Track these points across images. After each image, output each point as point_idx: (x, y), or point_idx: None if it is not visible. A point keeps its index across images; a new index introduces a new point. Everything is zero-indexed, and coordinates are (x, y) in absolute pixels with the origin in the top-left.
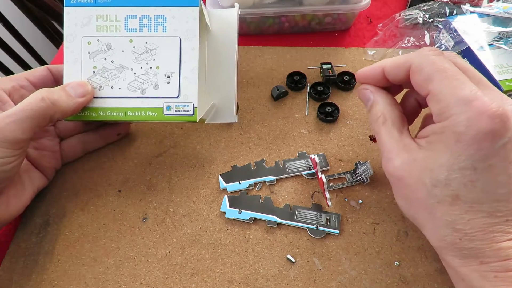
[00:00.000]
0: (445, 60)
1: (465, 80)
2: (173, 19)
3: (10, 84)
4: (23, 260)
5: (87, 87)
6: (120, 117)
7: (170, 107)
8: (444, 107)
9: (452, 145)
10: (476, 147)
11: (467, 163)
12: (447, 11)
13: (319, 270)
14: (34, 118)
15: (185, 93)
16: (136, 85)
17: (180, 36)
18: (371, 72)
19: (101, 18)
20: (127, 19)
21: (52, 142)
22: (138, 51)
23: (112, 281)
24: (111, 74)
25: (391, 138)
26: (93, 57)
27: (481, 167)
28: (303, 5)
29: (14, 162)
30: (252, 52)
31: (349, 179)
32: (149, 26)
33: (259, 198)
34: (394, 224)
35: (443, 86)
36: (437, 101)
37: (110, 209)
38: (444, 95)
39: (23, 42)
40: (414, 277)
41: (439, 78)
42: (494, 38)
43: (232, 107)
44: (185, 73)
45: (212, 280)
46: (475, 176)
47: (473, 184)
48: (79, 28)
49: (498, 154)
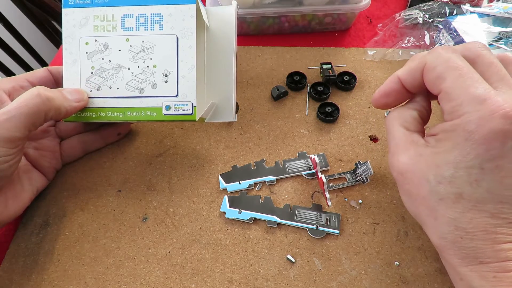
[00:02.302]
0: (459, 58)
1: (478, 79)
2: (170, 17)
3: (10, 84)
4: (23, 260)
5: (83, 95)
6: (119, 117)
7: (169, 107)
8: (456, 106)
9: (462, 143)
10: (486, 147)
11: (474, 162)
12: (447, 11)
13: (319, 270)
14: (28, 115)
15: (183, 92)
16: (134, 84)
17: (177, 34)
18: (386, 87)
19: (98, 18)
20: (124, 19)
21: (52, 142)
22: (135, 50)
23: (112, 281)
24: (108, 74)
25: (400, 133)
26: (90, 58)
27: (489, 167)
28: (303, 5)
29: (11, 161)
30: (252, 52)
31: (349, 179)
32: (145, 25)
33: (259, 198)
34: (394, 224)
35: (456, 84)
36: (449, 99)
37: (110, 209)
38: (456, 93)
39: (23, 42)
40: (414, 277)
41: (452, 76)
42: (494, 38)
43: (231, 106)
44: (182, 72)
45: (212, 280)
46: (482, 175)
47: (478, 184)
48: (77, 29)
49: (507, 156)
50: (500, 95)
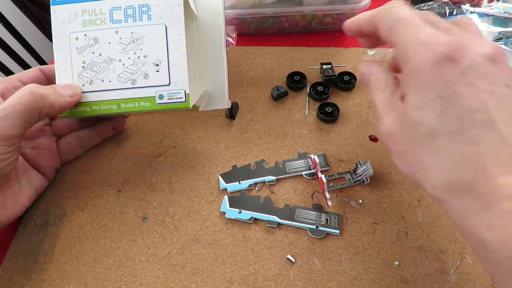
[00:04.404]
0: (406, 8)
1: (422, 24)
2: (157, 7)
3: (3, 85)
4: (23, 260)
5: (76, 89)
6: (114, 109)
7: (162, 96)
8: (404, 53)
9: (416, 85)
10: (435, 77)
11: (432, 95)
12: (447, 11)
13: (319, 270)
14: (23, 113)
15: (175, 81)
16: (126, 76)
17: (166, 23)
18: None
19: (86, 13)
20: (112, 11)
21: (49, 141)
22: (125, 42)
23: (112, 281)
24: (100, 68)
25: (383, 101)
26: (81, 52)
27: (447, 95)
28: (303, 5)
29: (8, 160)
30: (252, 52)
31: (349, 179)
32: (133, 16)
33: (259, 198)
34: (394, 224)
35: (403, 33)
36: (399, 49)
37: (110, 209)
38: (403, 41)
39: (23, 42)
40: (414, 277)
41: (400, 27)
42: (494, 38)
43: (224, 93)
44: (173, 60)
45: (212, 280)
46: (444, 104)
47: (444, 113)
48: (66, 24)
49: (461, 81)
50: (450, 34)
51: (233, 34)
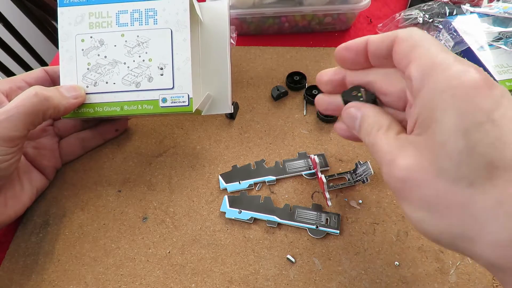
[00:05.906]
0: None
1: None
2: (164, 12)
3: (7, 85)
4: (23, 260)
5: (81, 91)
6: (117, 111)
7: (165, 99)
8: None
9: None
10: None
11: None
12: (447, 11)
13: (319, 270)
14: (27, 115)
15: (179, 84)
16: (130, 78)
17: (171, 28)
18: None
19: (93, 16)
20: (119, 15)
21: (51, 141)
22: (130, 45)
23: (112, 281)
24: (105, 70)
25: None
26: (86, 54)
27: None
28: (303, 5)
29: (10, 161)
30: (252, 52)
31: (349, 179)
32: (140, 20)
33: (259, 198)
34: (394, 224)
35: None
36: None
37: (110, 209)
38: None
39: (23, 42)
40: (414, 277)
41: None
42: (494, 38)
43: (227, 98)
44: (178, 64)
45: (212, 280)
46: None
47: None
48: (73, 26)
49: None
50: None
51: (233, 34)
